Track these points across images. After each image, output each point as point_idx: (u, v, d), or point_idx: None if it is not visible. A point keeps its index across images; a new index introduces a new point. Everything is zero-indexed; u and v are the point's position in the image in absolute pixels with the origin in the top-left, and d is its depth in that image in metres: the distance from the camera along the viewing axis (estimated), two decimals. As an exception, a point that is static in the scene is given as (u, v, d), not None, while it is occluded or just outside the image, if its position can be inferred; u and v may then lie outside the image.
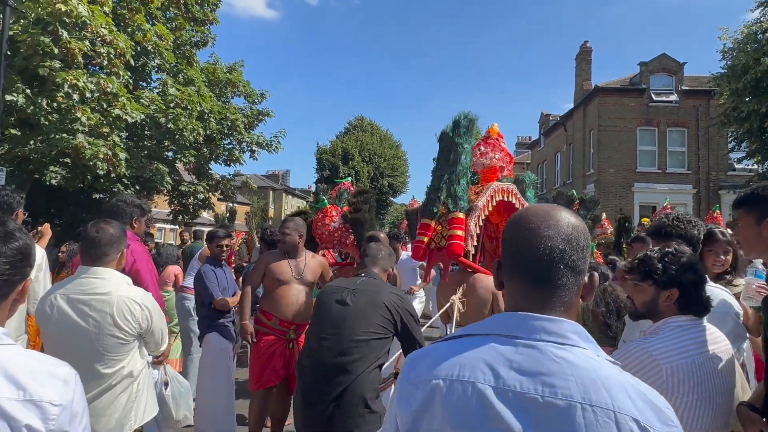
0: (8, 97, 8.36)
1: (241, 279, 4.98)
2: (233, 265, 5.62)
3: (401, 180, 38.98)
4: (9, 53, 8.77)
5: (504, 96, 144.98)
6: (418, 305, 6.18)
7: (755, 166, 16.73)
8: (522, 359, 0.83)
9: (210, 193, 14.01)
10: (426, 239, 3.64)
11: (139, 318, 2.24)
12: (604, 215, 9.41)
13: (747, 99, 13.76)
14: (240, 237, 6.92)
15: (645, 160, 20.60)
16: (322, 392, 2.16)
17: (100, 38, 8.68)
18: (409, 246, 5.52)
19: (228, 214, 10.33)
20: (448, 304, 3.41)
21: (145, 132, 11.85)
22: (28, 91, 8.78)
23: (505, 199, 3.84)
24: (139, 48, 10.80)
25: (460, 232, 3.50)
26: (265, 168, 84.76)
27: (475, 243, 3.58)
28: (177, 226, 14.93)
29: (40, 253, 3.16)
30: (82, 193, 12.15)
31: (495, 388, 0.82)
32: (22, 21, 8.61)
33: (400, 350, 3.34)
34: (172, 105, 10.88)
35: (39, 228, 3.59)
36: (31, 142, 9.15)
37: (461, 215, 3.56)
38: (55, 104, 8.88)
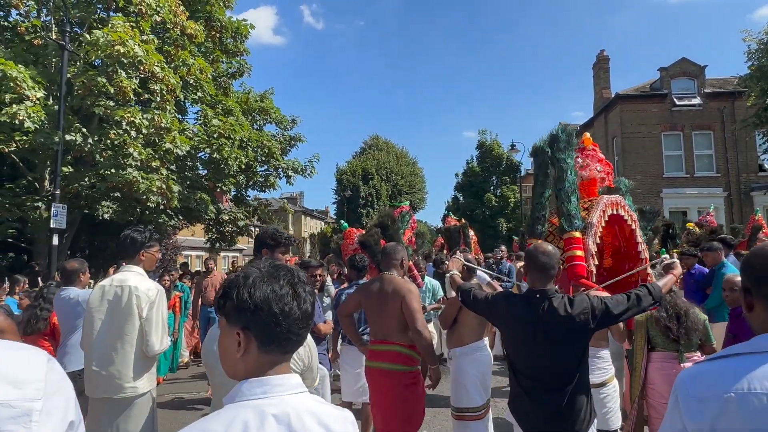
0: (67, 137, 8.60)
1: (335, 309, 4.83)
2: None
3: (419, 197, 39.09)
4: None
5: (514, 107, 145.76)
6: None
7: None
8: None
9: (248, 220, 14.17)
10: None
11: (302, 355, 2.24)
12: (657, 224, 9.20)
13: (779, 99, 13.70)
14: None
15: (672, 165, 20.47)
16: (546, 402, 2.38)
17: (152, 76, 8.93)
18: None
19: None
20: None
21: (187, 162, 12.07)
22: (84, 130, 9.02)
23: (615, 212, 3.84)
24: (181, 82, 11.09)
25: (579, 252, 3.48)
26: (279, 191, 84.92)
27: (596, 262, 3.56)
28: (215, 254, 15.07)
29: (154, 290, 3.09)
30: (126, 225, 12.34)
31: None
32: (77, 63, 8.90)
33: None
34: (215, 135, 11.09)
35: None
36: (86, 179, 9.37)
37: (578, 234, 3.54)
38: (108, 141, 9.11)
